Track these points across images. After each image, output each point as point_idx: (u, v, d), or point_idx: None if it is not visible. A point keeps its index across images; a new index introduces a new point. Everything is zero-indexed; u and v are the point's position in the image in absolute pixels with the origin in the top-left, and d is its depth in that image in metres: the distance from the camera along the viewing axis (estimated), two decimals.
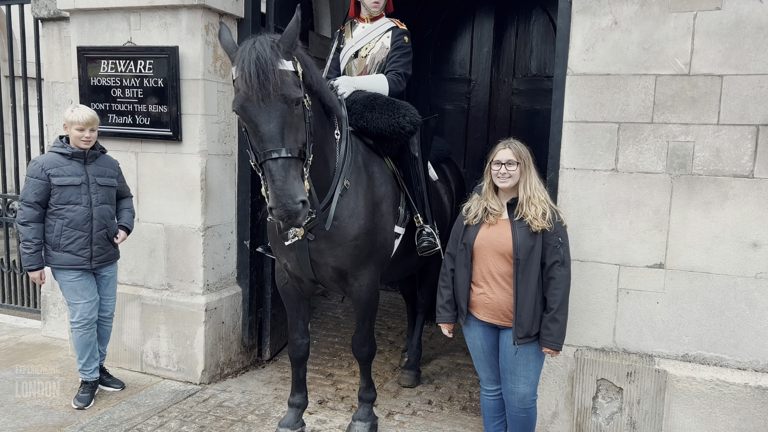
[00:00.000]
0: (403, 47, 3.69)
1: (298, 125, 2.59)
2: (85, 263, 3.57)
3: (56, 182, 3.47)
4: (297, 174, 2.53)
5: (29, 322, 5.15)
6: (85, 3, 4.00)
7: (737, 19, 2.89)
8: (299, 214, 2.48)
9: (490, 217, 2.71)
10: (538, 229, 2.60)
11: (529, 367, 2.73)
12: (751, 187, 2.94)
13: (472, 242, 2.73)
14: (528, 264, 2.63)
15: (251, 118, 2.51)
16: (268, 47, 2.49)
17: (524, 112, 6.02)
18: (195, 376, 4.06)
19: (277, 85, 2.46)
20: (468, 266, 2.75)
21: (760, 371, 3.02)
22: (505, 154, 2.67)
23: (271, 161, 2.49)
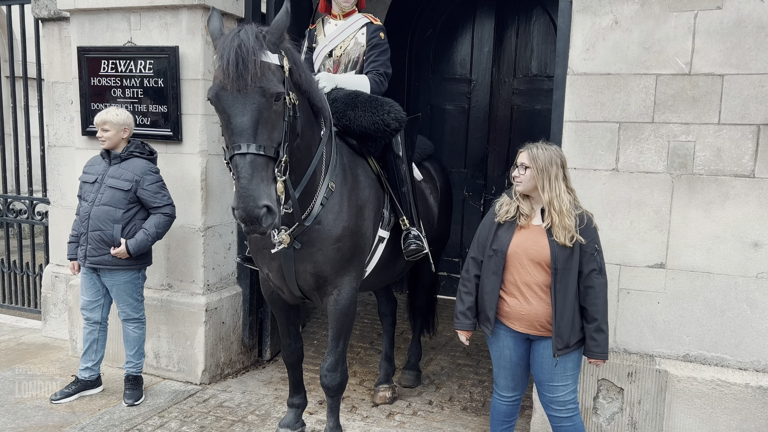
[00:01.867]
0: (380, 45, 3.54)
1: (275, 122, 2.42)
2: (81, 260, 3.63)
3: (81, 178, 3.71)
4: (266, 175, 2.36)
5: (30, 323, 5.15)
6: (85, 3, 4.00)
7: (738, 18, 2.89)
8: (261, 219, 2.30)
9: (521, 218, 2.62)
10: (562, 242, 2.50)
11: (567, 376, 2.65)
12: (752, 187, 2.94)
13: (505, 249, 2.61)
14: (566, 273, 2.53)
15: (225, 109, 2.37)
16: (252, 36, 2.35)
17: (525, 112, 6.00)
18: (195, 376, 4.05)
19: (256, 75, 2.32)
20: (498, 274, 2.63)
21: (761, 371, 3.02)
22: (522, 157, 2.61)
23: (238, 156, 2.32)
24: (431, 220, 3.86)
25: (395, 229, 3.36)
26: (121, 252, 3.51)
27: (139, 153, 3.62)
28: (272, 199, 2.36)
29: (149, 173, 3.59)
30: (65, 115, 4.68)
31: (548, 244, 2.54)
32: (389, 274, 3.59)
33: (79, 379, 3.79)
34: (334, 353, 3.09)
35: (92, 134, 4.16)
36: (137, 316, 3.73)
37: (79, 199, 3.68)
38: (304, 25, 4.71)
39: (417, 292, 4.25)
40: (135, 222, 3.58)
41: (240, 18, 4.09)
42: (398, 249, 3.35)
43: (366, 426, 3.57)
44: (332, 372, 3.09)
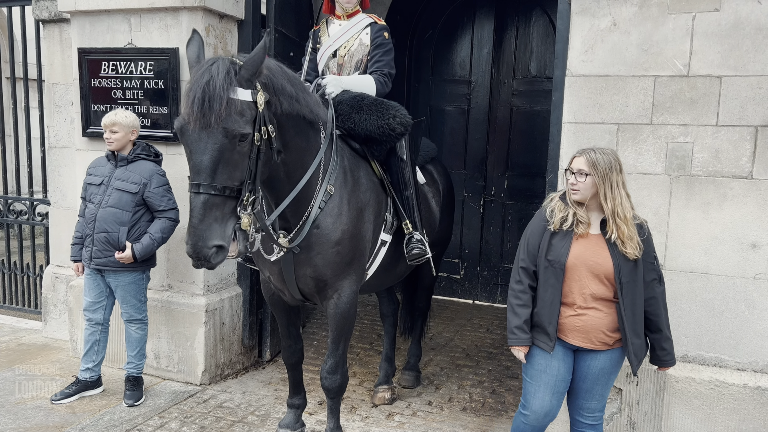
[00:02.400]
0: (384, 44, 3.53)
1: (238, 162, 2.36)
2: (87, 261, 3.64)
3: (86, 180, 3.71)
4: (221, 214, 2.32)
5: (30, 323, 5.16)
6: (85, 4, 4.02)
7: (736, 20, 2.90)
8: (210, 258, 2.30)
9: (580, 226, 2.43)
10: (631, 256, 2.37)
11: (607, 386, 2.59)
12: (750, 188, 2.95)
13: (564, 260, 2.43)
14: (632, 286, 2.41)
15: (187, 144, 2.34)
16: (223, 72, 2.27)
17: (524, 113, 6.02)
18: (195, 376, 4.06)
19: (220, 116, 2.24)
20: (557, 287, 2.46)
21: (759, 372, 3.03)
22: (579, 162, 2.42)
23: (193, 195, 2.31)
24: (433, 224, 3.84)
25: (397, 233, 3.34)
26: (126, 257, 3.52)
27: (145, 155, 3.65)
28: (225, 237, 2.34)
29: (156, 176, 3.62)
30: (66, 116, 4.69)
31: (610, 257, 2.40)
32: (390, 277, 3.58)
33: (80, 379, 3.80)
34: (334, 356, 3.09)
35: (93, 136, 4.18)
36: (140, 317, 3.75)
37: (83, 201, 3.70)
38: (303, 26, 4.74)
39: (417, 293, 4.25)
40: (141, 224, 3.60)
41: (240, 20, 4.10)
42: (400, 252, 3.34)
43: (365, 426, 3.59)
44: (332, 374, 3.10)
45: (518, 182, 6.04)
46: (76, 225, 3.78)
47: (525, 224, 6.75)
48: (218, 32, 3.96)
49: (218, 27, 3.96)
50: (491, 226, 6.17)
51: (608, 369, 2.53)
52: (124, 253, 3.52)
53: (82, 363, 3.81)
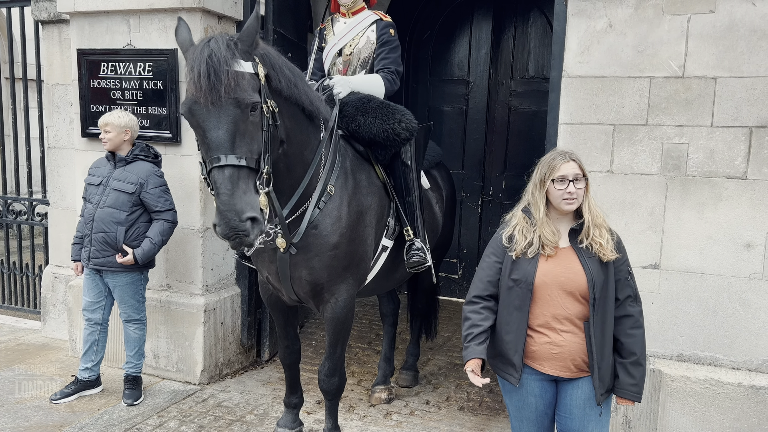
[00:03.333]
0: (390, 42, 3.50)
1: (253, 134, 2.32)
2: (85, 261, 3.67)
3: (86, 180, 3.74)
4: (248, 187, 2.26)
5: (29, 323, 5.18)
6: (84, 6, 4.03)
7: (731, 22, 2.92)
8: (248, 233, 2.21)
9: (546, 248, 2.20)
10: (611, 258, 2.17)
11: (601, 424, 2.27)
12: (745, 189, 2.97)
13: (531, 279, 2.19)
14: (603, 302, 2.18)
15: (199, 123, 2.27)
16: (223, 45, 2.26)
17: (522, 113, 6.04)
18: (194, 376, 4.08)
19: (229, 86, 2.22)
20: (524, 309, 2.21)
21: (753, 371, 3.05)
22: (570, 168, 2.18)
23: (216, 170, 2.22)
24: (435, 230, 3.80)
25: (398, 239, 3.31)
26: (127, 260, 3.55)
27: (144, 156, 3.66)
28: (256, 209, 2.27)
29: (153, 176, 3.63)
30: (65, 116, 4.71)
31: (582, 270, 2.18)
32: (389, 282, 3.56)
33: (79, 379, 3.82)
34: (331, 359, 3.09)
35: (92, 136, 4.20)
36: (138, 317, 3.76)
37: (84, 201, 3.72)
38: (302, 27, 4.76)
39: (417, 294, 4.25)
40: (139, 225, 3.62)
41: (239, 21, 4.12)
42: (400, 258, 3.31)
43: (363, 425, 3.60)
44: (330, 377, 3.10)
45: (516, 182, 6.06)
46: (77, 225, 3.82)
47: None
48: (217, 33, 3.96)
49: (217, 28, 3.98)
50: (489, 226, 6.20)
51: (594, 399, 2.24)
52: (126, 258, 3.54)
53: (81, 363, 3.82)
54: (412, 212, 3.28)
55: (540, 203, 2.21)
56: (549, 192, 2.20)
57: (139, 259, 3.56)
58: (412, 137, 3.26)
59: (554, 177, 2.18)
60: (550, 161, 2.21)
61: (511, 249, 2.24)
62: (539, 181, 2.22)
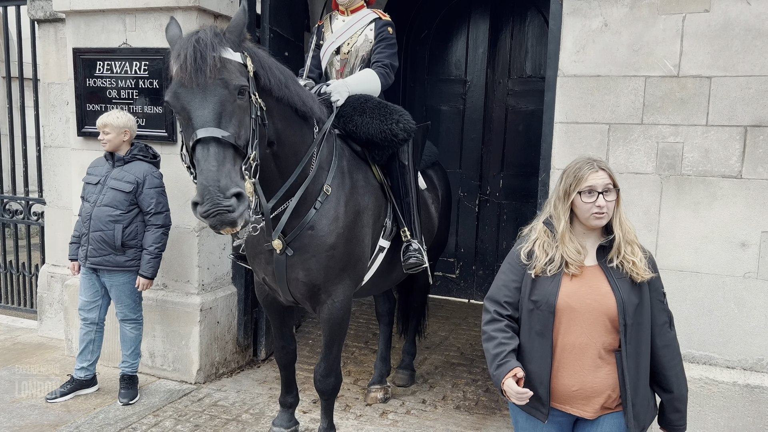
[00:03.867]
0: (387, 38, 3.49)
1: (241, 117, 2.22)
2: (82, 260, 3.67)
3: (84, 179, 3.75)
4: (233, 167, 2.13)
5: (26, 322, 5.17)
6: (80, 4, 4.03)
7: (725, 21, 2.92)
8: (233, 208, 2.05)
9: (570, 267, 1.95)
10: (645, 278, 1.94)
11: None
12: (740, 188, 2.97)
13: (553, 300, 1.93)
14: (637, 330, 1.93)
15: (184, 106, 2.17)
16: (211, 33, 2.23)
17: (520, 113, 6.04)
18: (190, 375, 4.08)
19: (215, 67, 2.14)
20: (546, 335, 1.95)
21: (748, 369, 3.05)
22: (600, 178, 1.92)
23: (200, 146, 2.10)
24: (432, 230, 3.80)
25: (395, 239, 3.30)
26: (146, 284, 3.63)
27: (142, 156, 3.67)
28: (241, 185, 2.13)
29: (151, 177, 3.63)
30: (61, 115, 4.70)
31: (611, 291, 1.92)
32: (385, 282, 3.55)
33: (75, 378, 3.82)
34: (327, 360, 3.09)
35: (88, 135, 4.19)
36: (135, 316, 3.76)
37: (82, 200, 3.73)
38: (298, 26, 4.76)
39: (413, 293, 4.25)
40: (136, 223, 3.62)
41: None
42: (397, 259, 3.29)
43: (359, 425, 3.60)
44: (326, 378, 3.10)
45: (514, 182, 6.07)
46: (75, 224, 3.83)
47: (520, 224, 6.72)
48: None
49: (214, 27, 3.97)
50: (486, 226, 6.20)
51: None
52: (142, 285, 3.63)
53: (77, 362, 3.82)
54: (410, 213, 3.27)
55: (563, 217, 1.96)
56: (575, 205, 1.94)
57: (150, 274, 3.63)
58: (410, 138, 3.24)
59: (581, 188, 1.92)
60: (576, 170, 1.95)
61: (531, 266, 1.99)
62: (563, 193, 1.96)
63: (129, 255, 3.62)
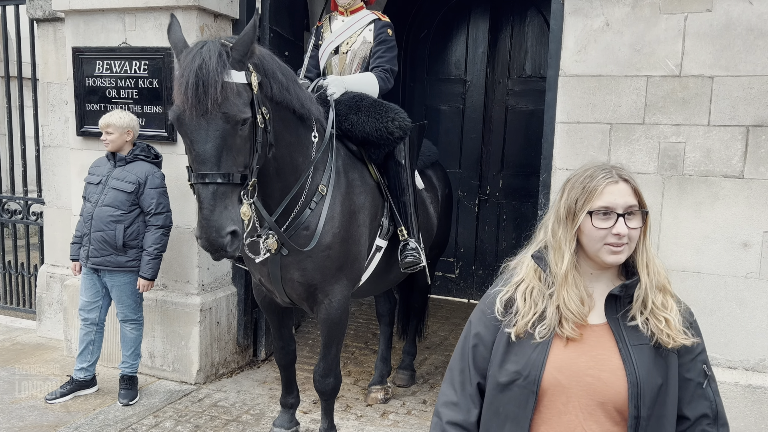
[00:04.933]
0: (387, 41, 3.48)
1: (241, 147, 2.32)
2: (84, 260, 3.65)
3: (86, 179, 3.73)
4: (230, 202, 2.30)
5: (24, 323, 5.15)
6: (80, 4, 4.01)
7: (727, 20, 2.92)
8: (225, 246, 2.27)
9: (565, 324, 1.36)
10: (677, 345, 1.35)
11: None
12: (741, 188, 2.97)
13: (536, 375, 1.35)
14: (656, 425, 1.33)
15: (186, 134, 2.27)
16: (215, 55, 2.20)
17: (519, 112, 6.04)
18: (190, 376, 4.07)
19: (217, 101, 2.19)
20: (522, 423, 1.36)
21: (750, 370, 3.05)
22: (621, 193, 1.35)
23: (201, 186, 2.26)
24: (430, 230, 3.77)
25: (393, 239, 3.28)
26: (146, 285, 3.63)
27: (144, 156, 3.66)
28: (237, 222, 2.32)
29: (153, 177, 3.62)
30: (60, 115, 4.69)
31: (622, 365, 1.33)
32: (383, 283, 3.54)
33: (75, 379, 3.80)
34: (326, 360, 3.08)
35: (87, 135, 4.18)
36: (135, 317, 3.75)
37: (84, 200, 3.72)
38: (298, 25, 4.75)
39: (413, 293, 4.23)
40: (138, 223, 3.61)
41: (235, 19, 4.11)
42: (394, 259, 3.28)
43: (360, 425, 3.60)
44: (325, 378, 3.09)
45: (513, 181, 6.06)
46: (77, 224, 3.82)
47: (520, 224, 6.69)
48: (213, 31, 3.96)
49: (213, 26, 3.97)
50: (486, 226, 6.19)
51: None
52: (142, 285, 3.62)
53: (77, 362, 3.81)
54: (406, 212, 3.25)
55: (565, 248, 1.36)
56: (582, 230, 1.36)
57: (150, 275, 3.62)
58: (406, 136, 3.24)
59: (593, 207, 1.34)
60: (586, 180, 1.37)
61: (509, 322, 1.39)
62: (566, 212, 1.37)
63: (130, 255, 3.60)
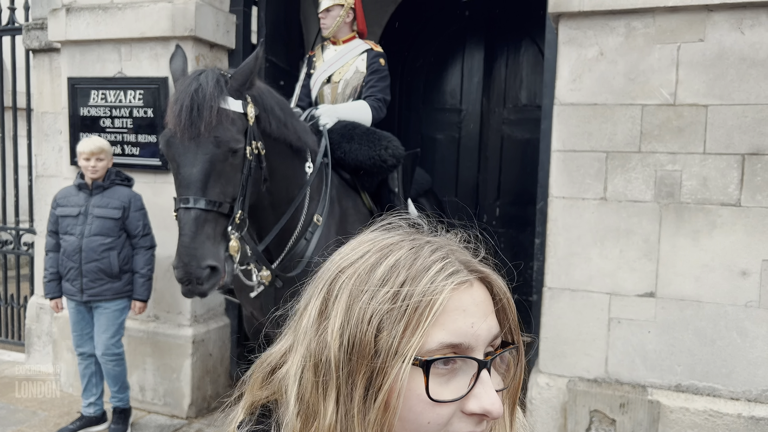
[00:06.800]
0: (379, 71, 3.47)
1: (230, 176, 2.22)
2: (76, 295, 3.52)
3: (58, 212, 3.58)
4: (213, 233, 2.15)
5: (13, 355, 5.05)
6: (76, 34, 4.03)
7: (720, 50, 2.93)
8: (203, 281, 2.11)
9: None
10: None
11: None
12: (739, 216, 2.95)
13: None
14: None
15: (174, 157, 2.19)
16: (213, 81, 2.17)
17: (515, 141, 6.06)
18: (181, 410, 3.97)
19: (210, 124, 2.11)
20: None
21: (753, 401, 2.99)
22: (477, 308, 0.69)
23: (183, 210, 2.13)
24: None
25: None
26: (140, 308, 3.58)
27: (120, 181, 3.63)
28: (218, 258, 2.16)
29: (135, 200, 3.60)
30: (54, 145, 4.67)
31: None
32: None
33: (84, 415, 3.68)
34: None
35: None
36: (118, 351, 3.61)
37: (53, 235, 3.59)
38: (294, 55, 4.77)
39: None
40: (127, 248, 3.57)
41: (231, 49, 4.12)
42: None
43: None
44: None
45: (510, 210, 6.05)
46: (47, 261, 3.64)
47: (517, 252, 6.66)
48: (208, 61, 3.97)
49: (208, 56, 3.98)
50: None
51: None
52: (139, 308, 3.58)
53: (83, 399, 3.69)
54: None
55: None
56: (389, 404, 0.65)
57: (144, 298, 3.58)
58: (399, 164, 3.21)
59: (428, 349, 0.65)
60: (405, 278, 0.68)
61: None
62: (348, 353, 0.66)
63: (124, 280, 3.55)
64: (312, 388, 0.67)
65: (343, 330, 0.66)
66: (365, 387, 0.65)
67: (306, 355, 0.69)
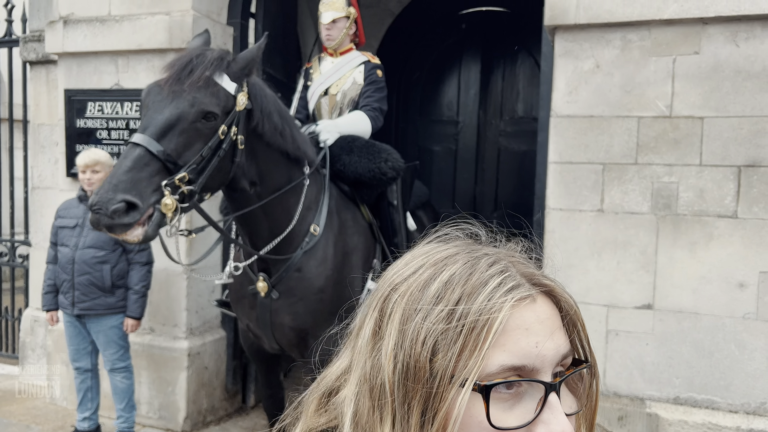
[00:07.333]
0: (376, 81, 3.47)
1: (192, 141, 2.17)
2: (68, 308, 3.47)
3: (57, 223, 3.58)
4: (149, 179, 2.06)
5: (7, 368, 5.01)
6: (73, 46, 4.03)
7: (715, 63, 2.95)
8: (111, 213, 1.97)
9: None
10: None
11: None
12: (736, 227, 2.95)
13: None
14: None
15: (148, 104, 2.18)
16: (216, 55, 2.22)
17: (512, 153, 6.07)
18: (177, 423, 3.93)
19: (194, 85, 2.14)
20: None
21: (751, 413, 2.97)
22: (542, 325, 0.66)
23: (130, 145, 2.09)
24: None
25: None
26: (132, 326, 3.49)
27: None
28: (142, 200, 2.05)
29: None
30: (50, 156, 4.66)
31: None
32: None
33: (78, 430, 3.63)
34: None
35: (77, 176, 4.13)
36: (124, 365, 3.57)
37: (54, 246, 3.58)
38: (291, 67, 4.78)
39: None
40: (122, 263, 3.50)
41: None
42: None
43: None
44: None
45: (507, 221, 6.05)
46: (46, 273, 3.62)
47: None
48: None
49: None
50: None
51: None
52: (131, 326, 3.49)
53: (78, 414, 3.63)
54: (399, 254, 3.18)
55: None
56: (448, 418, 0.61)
57: (137, 315, 3.50)
58: (398, 176, 3.21)
59: (488, 372, 0.61)
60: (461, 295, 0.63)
61: None
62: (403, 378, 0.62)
63: (118, 296, 3.49)
64: (368, 413, 0.64)
65: (397, 352, 0.62)
66: (421, 411, 0.61)
67: (361, 378, 0.66)
